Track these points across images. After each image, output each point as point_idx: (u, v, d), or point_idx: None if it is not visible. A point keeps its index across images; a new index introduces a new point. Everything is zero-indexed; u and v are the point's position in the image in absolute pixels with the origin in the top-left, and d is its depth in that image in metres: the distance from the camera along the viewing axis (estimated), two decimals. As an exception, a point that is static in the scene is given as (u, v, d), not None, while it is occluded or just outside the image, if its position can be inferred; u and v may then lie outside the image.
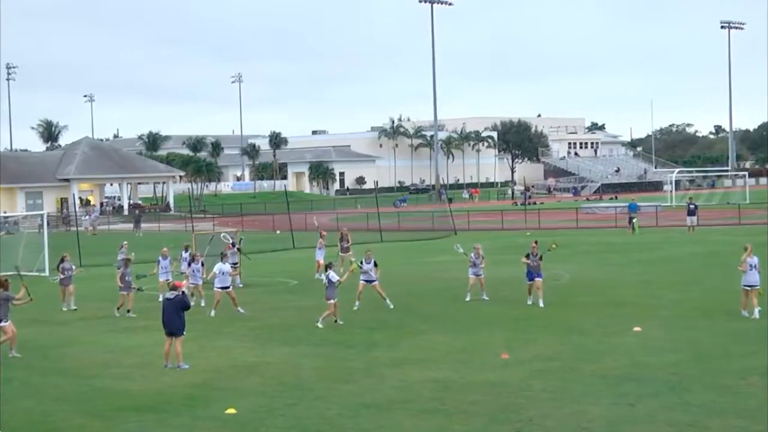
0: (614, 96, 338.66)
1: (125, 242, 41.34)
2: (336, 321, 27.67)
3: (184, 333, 22.36)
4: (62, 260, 33.85)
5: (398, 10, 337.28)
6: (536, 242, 31.36)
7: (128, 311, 30.97)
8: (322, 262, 39.50)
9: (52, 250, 47.89)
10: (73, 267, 34.32)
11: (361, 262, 30.84)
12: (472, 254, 31.94)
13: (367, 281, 30.70)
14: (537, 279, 30.30)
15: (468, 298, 31.60)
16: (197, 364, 22.43)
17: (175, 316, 22.12)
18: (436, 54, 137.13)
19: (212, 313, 30.11)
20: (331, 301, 27.37)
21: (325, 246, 40.24)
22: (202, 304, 31.96)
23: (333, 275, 27.73)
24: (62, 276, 33.52)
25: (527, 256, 30.54)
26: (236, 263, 37.78)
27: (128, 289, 31.06)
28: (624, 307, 29.43)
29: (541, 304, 29.67)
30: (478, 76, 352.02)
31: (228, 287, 31.01)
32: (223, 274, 30.84)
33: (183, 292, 22.87)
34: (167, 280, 32.76)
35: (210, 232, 45.11)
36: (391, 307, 30.18)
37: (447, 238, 61.27)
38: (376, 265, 31.17)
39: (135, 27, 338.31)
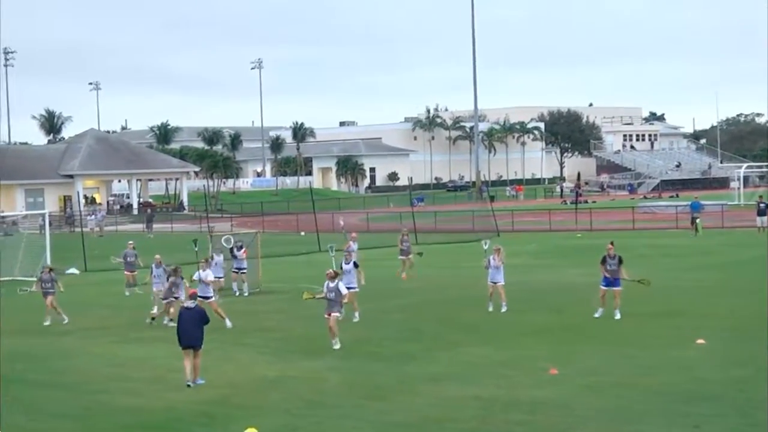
0: (674, 83, 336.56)
1: (131, 242, 41.56)
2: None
3: (202, 346, 22.25)
4: (43, 272, 33.55)
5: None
6: (612, 243, 30.40)
7: (170, 320, 30.36)
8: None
9: (55, 253, 48.26)
10: (56, 281, 32.91)
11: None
12: (492, 257, 31.72)
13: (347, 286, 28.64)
14: (615, 288, 29.33)
15: (490, 309, 31.42)
16: (213, 379, 22.45)
17: (194, 327, 21.93)
18: (476, 38, 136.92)
19: (229, 324, 30.00)
20: (334, 315, 25.89)
21: (356, 250, 40.18)
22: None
23: (342, 286, 26.49)
24: (42, 289, 32.63)
25: (604, 261, 29.58)
26: (243, 268, 37.85)
27: (170, 297, 30.76)
28: (684, 317, 29.22)
29: (617, 316, 29.02)
30: (523, 62, 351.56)
31: (209, 297, 30.37)
32: (200, 282, 30.41)
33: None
34: (160, 290, 32.53)
35: (228, 233, 45.18)
36: (356, 320, 29.84)
37: (490, 240, 61.00)
38: (356, 266, 31.01)
39: (143, 6, 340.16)
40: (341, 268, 30.28)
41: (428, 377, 22.13)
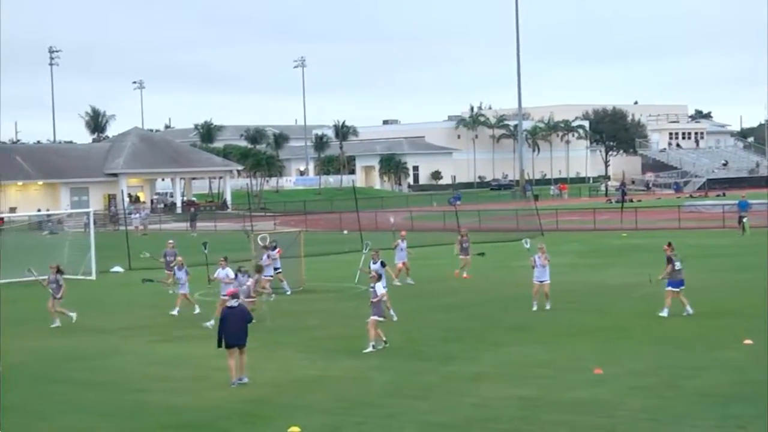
0: (721, 81, 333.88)
1: (171, 241, 41.73)
2: (381, 342, 25.96)
3: (246, 344, 22.30)
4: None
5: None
6: (669, 243, 30.49)
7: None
8: (401, 265, 39.75)
9: (99, 251, 48.61)
10: (61, 284, 32.14)
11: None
12: (537, 256, 31.71)
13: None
14: (681, 287, 29.56)
15: (535, 308, 31.38)
16: (256, 378, 22.53)
17: (239, 326, 22.05)
18: (521, 34, 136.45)
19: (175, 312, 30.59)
20: (373, 318, 25.59)
21: (405, 248, 40.30)
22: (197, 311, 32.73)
23: (380, 286, 26.09)
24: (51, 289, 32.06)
25: (669, 261, 29.55)
26: (277, 268, 37.84)
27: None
28: (731, 318, 29.00)
29: (690, 311, 29.23)
30: (568, 59, 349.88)
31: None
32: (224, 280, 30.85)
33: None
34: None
35: (271, 232, 45.31)
36: (395, 319, 29.82)
37: (533, 239, 60.77)
38: (384, 265, 30.98)
39: (187, 4, 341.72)
40: (369, 267, 30.34)
41: (471, 377, 22.11)
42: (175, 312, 32.91)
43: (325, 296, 37.27)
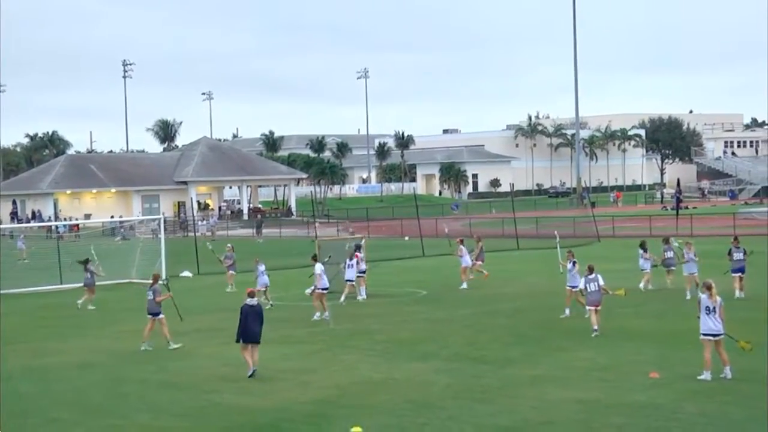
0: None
1: (230, 245, 42.81)
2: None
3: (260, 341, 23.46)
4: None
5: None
6: (736, 238, 36.60)
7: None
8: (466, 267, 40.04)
9: (169, 257, 49.01)
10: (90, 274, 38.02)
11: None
12: (569, 263, 31.52)
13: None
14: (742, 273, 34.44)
15: (567, 313, 31.03)
16: (320, 380, 22.64)
17: (256, 323, 23.29)
18: (578, 45, 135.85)
19: (326, 317, 30.77)
20: None
21: (467, 252, 40.53)
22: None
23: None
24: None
25: (729, 253, 34.75)
26: (363, 271, 37.92)
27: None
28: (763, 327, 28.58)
29: (737, 295, 33.08)
30: (624, 69, 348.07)
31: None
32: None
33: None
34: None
35: (335, 239, 45.46)
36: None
37: (590, 245, 60.59)
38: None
39: (251, 15, 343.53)
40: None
41: (531, 380, 22.02)
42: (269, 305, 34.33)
43: (387, 301, 37.27)
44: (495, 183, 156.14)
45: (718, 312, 21.47)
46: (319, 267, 32.54)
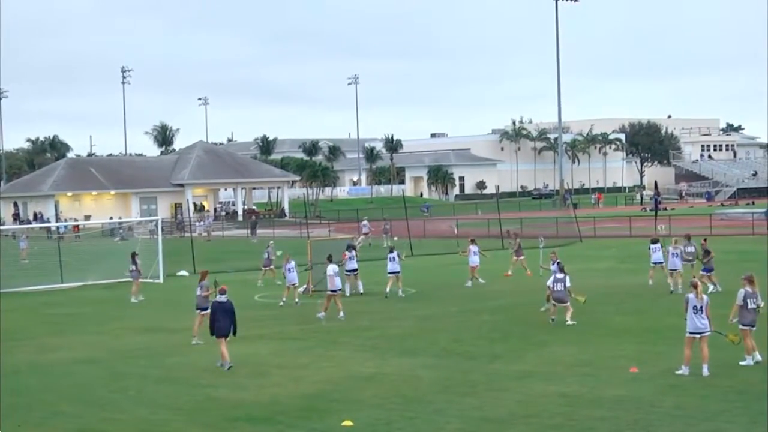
0: (753, 95, 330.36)
1: (272, 242, 43.69)
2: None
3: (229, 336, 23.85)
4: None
5: (518, 7, 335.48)
6: (705, 239, 37.73)
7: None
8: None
9: (166, 257, 48.92)
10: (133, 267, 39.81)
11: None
12: (551, 264, 31.52)
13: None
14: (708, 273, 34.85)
15: (544, 309, 30.92)
16: (313, 375, 22.64)
17: (226, 319, 23.71)
18: (560, 52, 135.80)
19: (321, 317, 30.92)
20: None
21: (477, 252, 40.55)
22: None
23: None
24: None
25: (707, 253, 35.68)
26: (355, 269, 38.02)
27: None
28: (764, 320, 28.60)
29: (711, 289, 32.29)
30: (605, 75, 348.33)
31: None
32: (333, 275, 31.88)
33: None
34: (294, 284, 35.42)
35: (327, 239, 45.51)
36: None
37: (572, 245, 60.67)
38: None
39: (246, 23, 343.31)
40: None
41: (516, 375, 22.03)
42: (296, 301, 35.28)
43: (377, 298, 37.25)
44: (481, 185, 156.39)
45: (704, 311, 21.53)
46: (331, 268, 31.98)
